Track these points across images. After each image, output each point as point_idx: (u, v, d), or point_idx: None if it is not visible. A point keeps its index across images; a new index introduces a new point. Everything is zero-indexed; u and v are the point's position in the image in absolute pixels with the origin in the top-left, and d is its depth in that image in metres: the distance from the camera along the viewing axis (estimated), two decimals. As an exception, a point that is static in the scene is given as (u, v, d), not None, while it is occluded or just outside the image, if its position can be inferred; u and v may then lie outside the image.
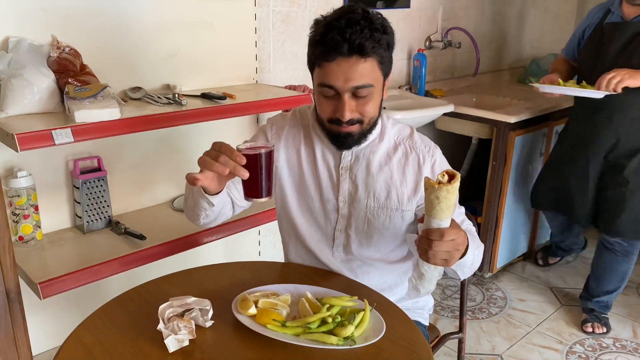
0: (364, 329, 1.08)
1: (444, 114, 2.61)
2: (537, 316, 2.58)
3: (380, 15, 1.20)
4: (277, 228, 1.53)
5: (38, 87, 1.46)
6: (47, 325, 1.71)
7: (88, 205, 1.69)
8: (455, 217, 1.28)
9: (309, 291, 1.18)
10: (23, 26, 1.51)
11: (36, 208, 1.60)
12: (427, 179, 1.04)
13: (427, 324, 1.54)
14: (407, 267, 1.44)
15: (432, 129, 2.87)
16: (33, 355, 1.39)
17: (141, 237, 1.63)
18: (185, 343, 1.05)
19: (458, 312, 2.43)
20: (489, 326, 2.51)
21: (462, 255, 1.12)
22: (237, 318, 1.10)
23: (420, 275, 1.13)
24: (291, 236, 1.45)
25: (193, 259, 1.84)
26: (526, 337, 2.44)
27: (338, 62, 1.16)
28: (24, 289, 1.38)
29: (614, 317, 2.54)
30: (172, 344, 1.04)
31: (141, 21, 1.73)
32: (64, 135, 1.35)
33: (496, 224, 2.72)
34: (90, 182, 1.68)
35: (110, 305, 1.21)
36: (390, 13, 2.61)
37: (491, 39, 3.36)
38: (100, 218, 1.73)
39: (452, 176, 1.04)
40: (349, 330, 1.05)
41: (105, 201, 1.73)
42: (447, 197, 1.02)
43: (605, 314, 2.50)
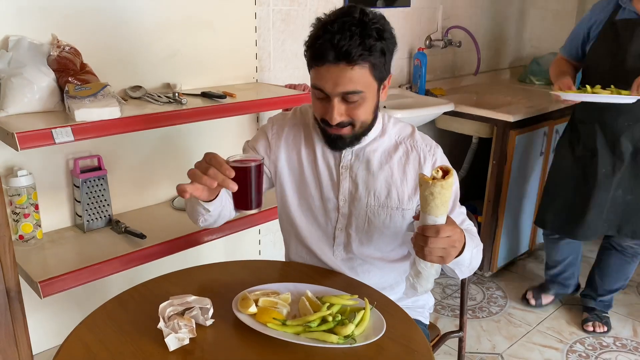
0: (365, 327, 1.08)
1: (444, 113, 2.61)
2: (538, 315, 2.58)
3: (378, 19, 1.17)
4: (277, 227, 1.53)
5: (38, 86, 1.46)
6: (48, 324, 1.71)
7: (88, 204, 1.69)
8: (455, 217, 1.28)
9: (309, 290, 1.18)
10: (23, 25, 1.51)
11: (36, 207, 1.60)
12: (422, 175, 1.04)
13: (428, 322, 1.54)
14: (408, 266, 1.44)
15: (433, 128, 2.87)
16: (33, 354, 1.40)
17: (141, 236, 1.63)
18: (186, 342, 1.05)
19: (458, 311, 2.43)
20: (490, 325, 2.51)
21: (459, 253, 1.12)
22: (238, 317, 1.10)
23: (417, 273, 1.13)
24: (291, 235, 1.45)
25: (193, 257, 1.83)
26: (526, 336, 2.44)
27: (327, 67, 1.16)
28: (24, 287, 1.38)
29: (615, 316, 2.54)
30: (173, 342, 1.03)
31: (141, 20, 1.73)
32: (64, 134, 1.35)
33: (496, 223, 2.71)
34: (90, 181, 1.68)
35: (111, 304, 1.21)
36: (390, 12, 2.61)
37: (491, 38, 3.36)
38: (100, 217, 1.73)
39: (446, 172, 1.04)
40: (349, 329, 1.05)
41: (105, 200, 1.73)
42: (441, 192, 1.02)
43: (606, 313, 2.50)
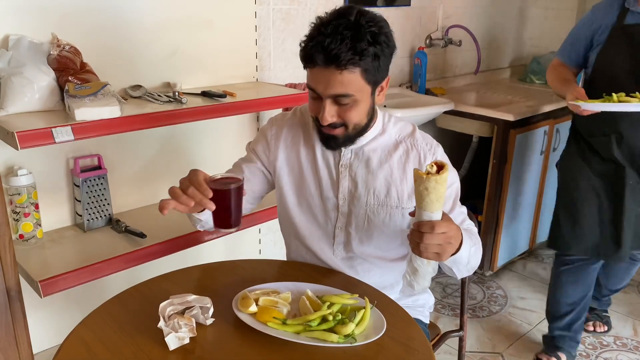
0: (365, 326, 1.08)
1: (445, 112, 2.61)
2: (538, 314, 2.58)
3: (376, 22, 1.16)
4: (277, 226, 1.53)
5: (38, 85, 1.46)
6: (48, 323, 1.71)
7: (88, 204, 1.69)
8: (456, 216, 1.28)
9: (309, 289, 1.18)
10: (23, 24, 1.51)
11: (36, 206, 1.60)
12: (416, 170, 1.04)
13: (428, 322, 1.54)
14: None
15: (433, 127, 2.87)
16: (34, 353, 1.39)
17: (141, 235, 1.63)
18: (186, 341, 1.05)
19: (459, 310, 2.43)
20: (490, 324, 2.51)
21: (456, 251, 1.11)
22: (238, 316, 1.10)
23: (414, 270, 1.13)
24: (291, 235, 1.45)
25: (193, 257, 1.84)
26: (527, 335, 2.44)
27: (318, 69, 1.17)
28: (25, 287, 1.38)
29: (615, 315, 2.54)
30: (173, 341, 1.03)
31: (141, 19, 1.73)
32: (64, 134, 1.35)
33: (497, 223, 2.71)
34: (90, 180, 1.68)
35: (111, 303, 1.21)
36: (390, 11, 2.60)
37: (492, 37, 3.36)
38: (100, 216, 1.73)
39: (441, 167, 1.04)
40: (349, 328, 1.05)
41: (105, 199, 1.73)
42: (436, 187, 1.01)
43: (607, 312, 2.50)
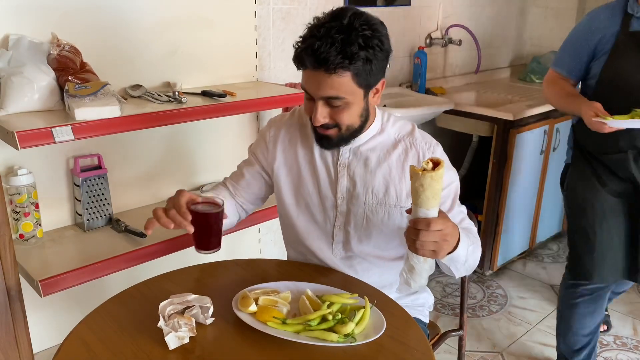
0: (364, 326, 1.08)
1: (445, 112, 2.61)
2: (538, 314, 2.59)
3: (370, 25, 1.15)
4: (277, 226, 1.53)
5: (38, 85, 1.46)
6: (48, 322, 1.71)
7: (88, 203, 1.69)
8: (455, 216, 1.28)
9: (309, 288, 1.19)
10: (23, 24, 1.51)
11: (37, 206, 1.60)
12: (412, 166, 1.04)
13: (427, 321, 1.54)
14: (406, 263, 1.44)
15: (433, 127, 2.87)
16: (34, 352, 1.40)
17: (141, 235, 1.64)
18: (186, 340, 1.05)
19: (458, 310, 2.44)
20: (490, 324, 2.51)
21: (454, 249, 1.11)
22: (238, 315, 1.10)
23: (411, 268, 1.13)
24: (291, 234, 1.45)
25: (193, 256, 1.83)
26: (527, 334, 2.44)
27: (308, 71, 1.18)
28: (25, 286, 1.38)
29: (615, 315, 2.54)
30: (173, 341, 1.04)
31: (141, 19, 1.73)
32: (64, 133, 1.35)
33: (497, 222, 2.72)
34: (90, 180, 1.68)
35: (111, 302, 1.21)
36: (390, 11, 2.60)
37: (492, 36, 3.36)
38: (100, 216, 1.73)
39: (436, 164, 1.04)
40: (349, 328, 1.05)
41: (105, 199, 1.73)
42: (431, 184, 1.02)
43: (607, 312, 2.50)
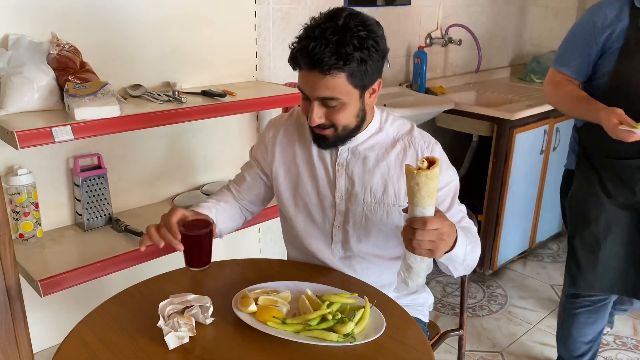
0: (364, 326, 1.08)
1: (445, 112, 2.61)
2: (538, 313, 2.59)
3: (366, 26, 1.15)
4: (277, 225, 1.54)
5: (38, 85, 1.46)
6: (48, 322, 1.72)
7: (88, 203, 1.69)
8: (454, 214, 1.28)
9: (309, 288, 1.19)
10: (23, 23, 1.51)
11: (36, 206, 1.60)
12: (407, 165, 1.04)
13: (427, 320, 1.54)
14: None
15: (433, 127, 2.87)
16: (34, 352, 1.40)
17: (141, 235, 1.63)
18: (186, 340, 1.05)
19: (458, 310, 2.44)
20: (490, 323, 2.51)
21: (451, 248, 1.11)
22: (237, 315, 1.10)
23: (408, 267, 1.13)
24: (290, 235, 1.46)
25: (193, 256, 1.83)
26: (527, 334, 2.44)
27: (304, 72, 1.18)
28: (25, 286, 1.38)
29: (615, 315, 2.54)
30: (172, 340, 1.04)
31: (141, 18, 1.73)
32: (64, 133, 1.35)
33: (497, 222, 2.71)
34: (90, 180, 1.68)
35: (111, 302, 1.21)
36: (390, 10, 2.60)
37: (491, 36, 3.36)
38: (100, 215, 1.73)
39: (432, 162, 1.04)
40: (349, 327, 1.05)
41: (105, 199, 1.73)
42: (427, 183, 1.02)
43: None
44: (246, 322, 1.08)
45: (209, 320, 1.11)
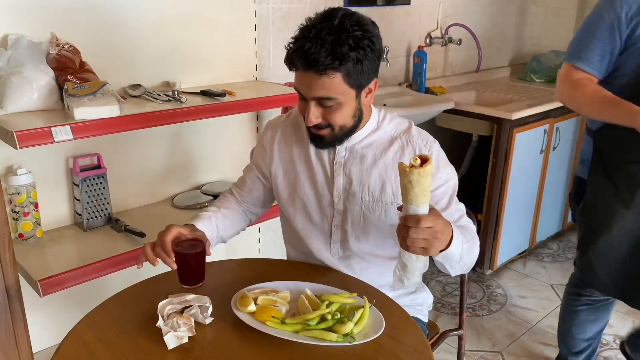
0: (363, 325, 1.08)
1: (445, 111, 2.61)
2: (538, 313, 2.59)
3: (361, 26, 1.15)
4: (277, 225, 1.54)
5: (37, 85, 1.46)
6: (47, 322, 1.72)
7: (88, 203, 1.70)
8: (452, 213, 1.28)
9: (308, 288, 1.18)
10: (22, 23, 1.51)
11: (36, 205, 1.60)
12: (400, 163, 1.04)
13: (426, 320, 1.54)
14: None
15: (433, 126, 2.87)
16: (33, 352, 1.40)
17: (141, 235, 1.64)
18: (185, 340, 1.05)
19: (458, 309, 2.43)
20: (490, 323, 2.51)
21: (447, 246, 1.11)
22: (237, 315, 1.10)
23: (403, 265, 1.13)
24: (289, 235, 1.46)
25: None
26: (527, 334, 2.44)
27: (300, 73, 1.19)
28: (24, 286, 1.38)
29: (615, 315, 2.54)
30: (172, 340, 1.04)
31: (140, 18, 1.72)
32: (63, 133, 1.35)
33: (497, 221, 2.71)
34: (90, 180, 1.68)
35: (110, 302, 1.21)
36: (390, 10, 2.60)
37: (491, 35, 3.36)
38: (100, 215, 1.73)
39: (424, 160, 1.04)
40: (348, 327, 1.05)
41: (105, 198, 1.73)
42: (419, 180, 1.02)
43: None
44: (245, 322, 1.08)
45: (208, 320, 1.11)
